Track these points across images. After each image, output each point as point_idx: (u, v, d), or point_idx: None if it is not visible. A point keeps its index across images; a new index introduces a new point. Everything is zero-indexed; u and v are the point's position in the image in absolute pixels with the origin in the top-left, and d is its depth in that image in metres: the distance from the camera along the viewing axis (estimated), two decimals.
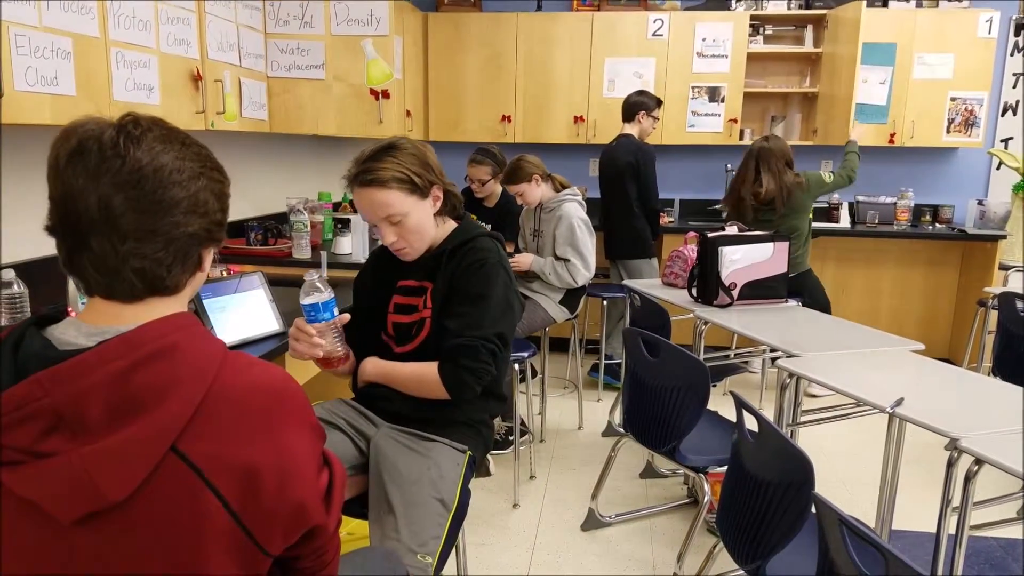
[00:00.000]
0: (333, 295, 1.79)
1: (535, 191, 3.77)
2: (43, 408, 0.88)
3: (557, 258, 3.70)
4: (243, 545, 0.96)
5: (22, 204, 2.39)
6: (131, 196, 0.95)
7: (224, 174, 1.08)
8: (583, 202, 3.84)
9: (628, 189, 4.50)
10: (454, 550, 2.01)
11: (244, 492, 0.94)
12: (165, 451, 0.90)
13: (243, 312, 2.17)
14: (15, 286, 2.08)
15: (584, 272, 3.68)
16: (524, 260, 3.74)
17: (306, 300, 1.77)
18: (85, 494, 0.88)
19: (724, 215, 4.51)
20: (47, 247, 2.44)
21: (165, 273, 1.00)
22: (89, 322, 0.98)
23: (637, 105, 4.54)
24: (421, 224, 1.94)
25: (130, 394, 0.90)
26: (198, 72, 2.80)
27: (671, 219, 5.55)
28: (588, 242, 3.71)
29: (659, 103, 4.61)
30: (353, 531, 2.69)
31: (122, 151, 0.95)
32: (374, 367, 2.02)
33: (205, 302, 2.08)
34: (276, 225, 3.87)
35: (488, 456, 3.61)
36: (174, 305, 1.04)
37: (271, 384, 1.00)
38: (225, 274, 2.59)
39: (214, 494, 0.92)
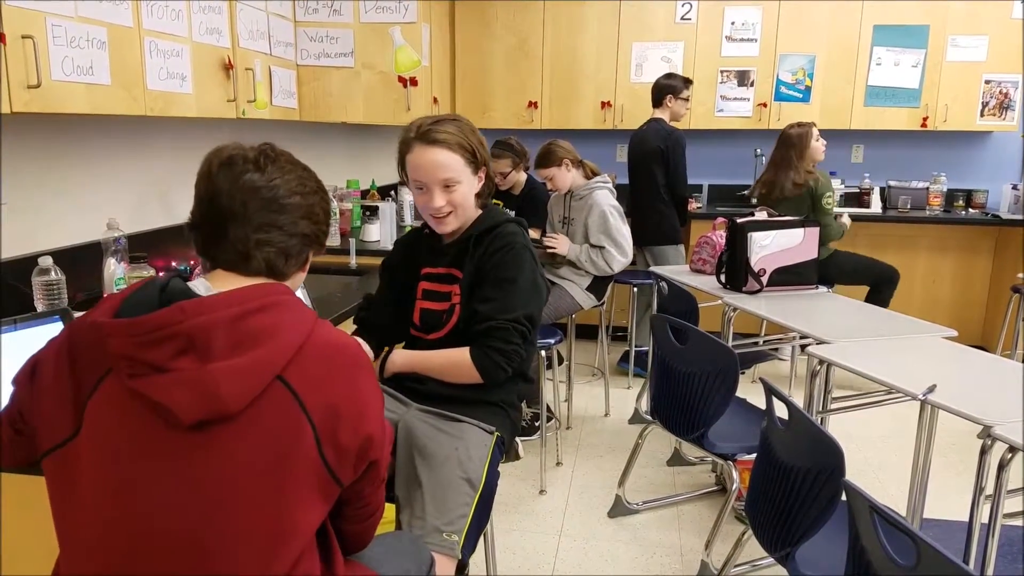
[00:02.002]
0: None
1: (565, 176, 3.76)
2: (181, 331, 1.05)
3: (592, 246, 3.70)
4: (322, 472, 1.12)
5: (60, 194, 2.43)
6: (265, 197, 1.21)
7: (329, 200, 1.37)
8: (613, 189, 3.83)
9: (656, 175, 4.47)
10: (482, 536, 2.02)
11: (328, 426, 1.11)
12: (274, 377, 1.09)
13: None
14: (52, 273, 2.12)
15: (620, 258, 3.68)
16: (562, 245, 3.74)
17: None
18: (208, 401, 1.04)
19: (754, 200, 4.47)
20: (83, 235, 2.49)
21: (283, 263, 1.24)
22: (213, 286, 1.19)
23: (664, 89, 4.51)
24: (466, 197, 1.98)
25: (247, 332, 1.09)
26: (229, 61, 2.82)
27: (699, 205, 5.52)
28: (622, 228, 3.70)
29: (687, 83, 4.55)
30: None
31: (262, 165, 1.23)
32: (403, 358, 2.04)
33: None
34: None
35: (517, 440, 3.63)
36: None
37: (352, 345, 1.20)
38: None
39: (308, 421, 1.09)
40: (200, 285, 1.18)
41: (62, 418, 1.10)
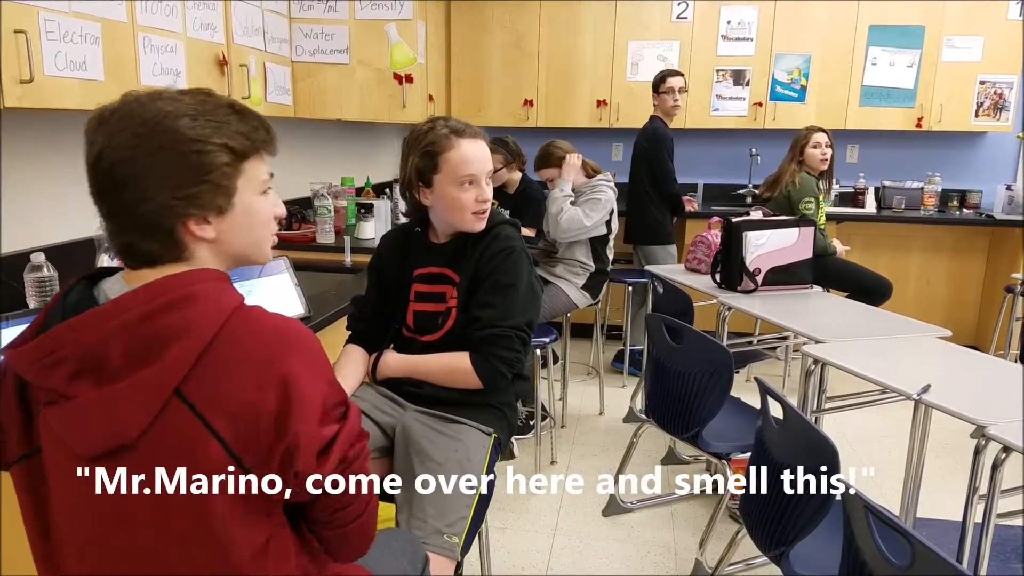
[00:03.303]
0: None
1: None
2: (71, 353, 0.94)
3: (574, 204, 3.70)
4: (246, 487, 0.98)
5: (55, 190, 2.42)
6: (95, 179, 0.99)
7: (206, 143, 1.00)
8: (615, 188, 3.81)
9: (643, 175, 4.47)
10: (477, 534, 2.02)
11: (243, 432, 0.96)
12: (169, 394, 0.94)
13: (268, 296, 2.19)
14: (45, 269, 2.11)
15: (570, 226, 3.61)
16: (570, 172, 3.73)
17: None
18: (100, 432, 0.95)
19: (749, 200, 4.48)
20: (76, 231, 2.48)
21: (142, 247, 1.02)
22: (127, 281, 1.05)
23: (652, 89, 4.51)
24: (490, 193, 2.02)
25: (149, 338, 0.95)
26: (224, 57, 2.81)
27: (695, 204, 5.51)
28: (595, 221, 3.65)
29: (664, 76, 4.46)
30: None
31: (92, 137, 0.99)
32: (397, 362, 2.02)
33: None
34: (300, 210, 3.89)
35: (512, 439, 3.62)
36: (195, 267, 1.05)
37: (279, 329, 1.02)
38: None
39: (215, 437, 0.95)
40: (117, 284, 1.04)
41: (23, 430, 1.04)
